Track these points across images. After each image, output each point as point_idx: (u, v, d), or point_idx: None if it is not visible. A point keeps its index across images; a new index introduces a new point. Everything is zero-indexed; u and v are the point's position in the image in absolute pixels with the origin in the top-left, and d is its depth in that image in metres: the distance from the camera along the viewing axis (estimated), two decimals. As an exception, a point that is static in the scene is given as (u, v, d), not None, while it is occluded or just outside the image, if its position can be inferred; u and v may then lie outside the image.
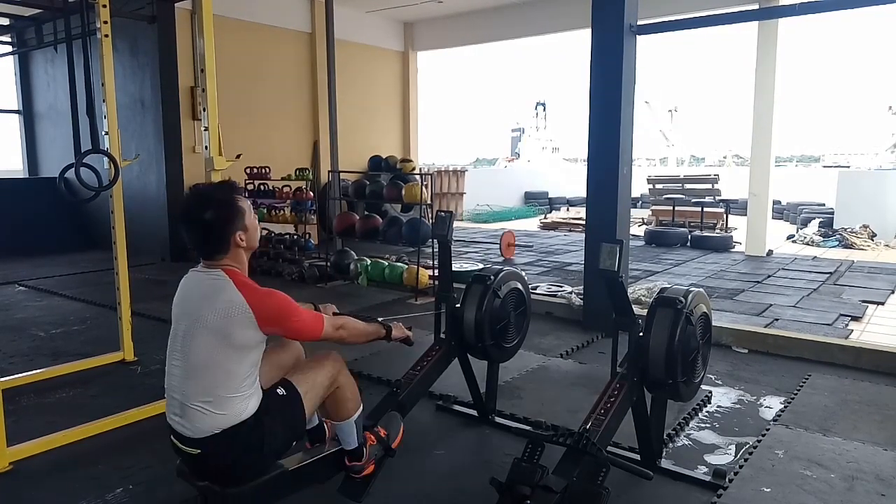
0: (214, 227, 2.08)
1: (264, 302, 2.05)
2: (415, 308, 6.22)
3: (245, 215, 2.14)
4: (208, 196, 2.14)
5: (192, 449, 2.04)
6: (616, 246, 2.60)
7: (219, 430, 2.01)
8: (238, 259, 2.14)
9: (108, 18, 3.99)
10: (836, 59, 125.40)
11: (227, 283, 2.04)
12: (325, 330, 2.21)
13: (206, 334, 2.00)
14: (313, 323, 2.18)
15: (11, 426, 3.16)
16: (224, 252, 2.11)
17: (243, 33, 9.94)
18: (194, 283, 2.12)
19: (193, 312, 2.05)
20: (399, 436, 2.67)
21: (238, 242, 2.12)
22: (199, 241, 2.12)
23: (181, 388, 2.05)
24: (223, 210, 2.09)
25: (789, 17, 7.69)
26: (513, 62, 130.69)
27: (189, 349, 2.04)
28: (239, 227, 2.11)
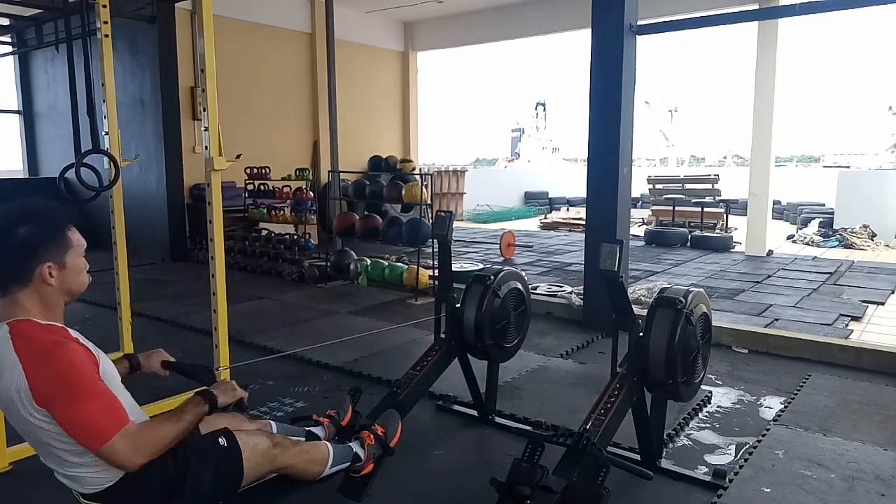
0: (22, 246, 1.63)
1: (40, 364, 1.56)
2: (415, 308, 6.23)
3: (69, 250, 1.71)
4: (31, 210, 1.69)
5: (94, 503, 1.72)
6: (616, 246, 2.60)
7: (115, 479, 1.68)
8: (42, 300, 1.67)
9: (108, 18, 3.99)
10: (836, 59, 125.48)
11: (6, 344, 1.58)
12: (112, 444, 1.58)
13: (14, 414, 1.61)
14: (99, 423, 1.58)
15: (11, 426, 3.16)
16: (22, 283, 1.64)
17: (243, 33, 9.94)
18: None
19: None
20: (397, 434, 2.66)
21: (45, 277, 1.65)
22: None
23: (48, 460, 1.71)
24: (41, 230, 1.66)
25: (789, 17, 7.69)
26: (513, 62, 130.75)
27: (20, 426, 1.65)
28: (53, 259, 1.66)
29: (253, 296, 6.76)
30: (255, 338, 5.13)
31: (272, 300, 6.67)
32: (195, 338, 5.15)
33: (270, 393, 3.99)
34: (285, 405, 3.83)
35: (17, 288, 1.65)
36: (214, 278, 3.71)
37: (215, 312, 3.77)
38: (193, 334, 5.30)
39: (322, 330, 5.42)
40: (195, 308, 6.07)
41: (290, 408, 3.80)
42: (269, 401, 3.87)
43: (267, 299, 6.69)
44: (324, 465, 2.20)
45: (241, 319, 5.49)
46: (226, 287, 3.78)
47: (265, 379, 4.21)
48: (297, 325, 5.64)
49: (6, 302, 1.66)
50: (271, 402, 3.86)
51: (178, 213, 9.18)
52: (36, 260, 1.65)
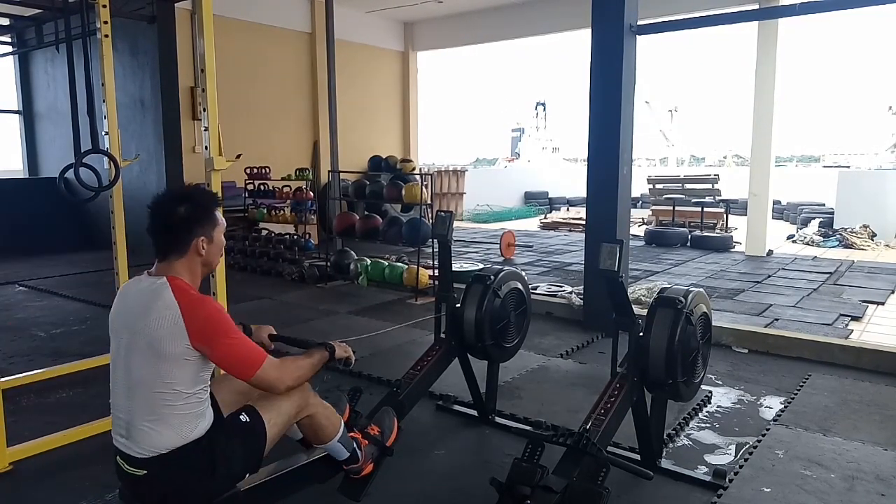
0: (182, 223, 1.96)
1: (197, 312, 1.87)
2: (415, 308, 6.23)
3: (216, 227, 2.04)
4: (189, 193, 2.06)
5: (138, 470, 1.91)
6: (616, 246, 2.60)
7: (166, 450, 1.88)
8: (191, 269, 1.99)
9: (108, 18, 3.99)
10: (836, 59, 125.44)
11: (165, 288, 1.90)
12: (264, 369, 1.94)
13: (145, 348, 1.87)
14: (248, 354, 1.94)
15: (11, 426, 3.16)
16: (180, 253, 1.97)
17: (243, 33, 9.95)
18: (134, 293, 1.97)
19: (131, 325, 1.92)
20: (393, 433, 2.65)
21: (198, 249, 1.98)
22: (160, 234, 1.98)
23: (126, 407, 1.94)
24: (198, 210, 2.00)
25: (789, 17, 7.69)
26: (513, 62, 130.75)
27: (131, 365, 1.92)
28: (205, 234, 1.99)
29: (253, 296, 6.76)
30: (255, 338, 5.12)
31: (272, 300, 6.67)
32: (195, 338, 5.14)
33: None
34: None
35: (176, 257, 1.97)
36: (214, 278, 3.71)
37: (215, 312, 3.76)
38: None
39: (322, 330, 5.41)
40: (195, 308, 6.06)
41: (290, 408, 3.79)
42: (269, 401, 3.87)
43: (267, 299, 6.69)
44: (336, 431, 2.31)
45: (242, 319, 5.48)
46: (226, 287, 3.78)
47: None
48: (297, 325, 5.63)
49: (162, 267, 1.98)
50: (271, 402, 3.85)
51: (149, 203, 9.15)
52: (192, 234, 1.97)
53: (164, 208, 1.98)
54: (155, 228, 1.99)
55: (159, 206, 1.99)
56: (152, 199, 2.01)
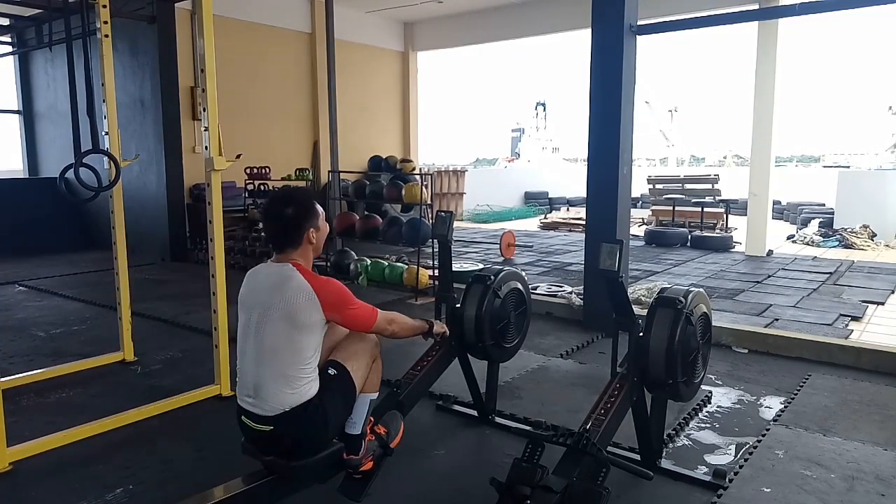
0: (293, 221, 2.32)
1: (327, 289, 2.28)
2: (415, 308, 6.22)
3: (319, 217, 2.40)
4: (291, 195, 2.40)
5: (265, 426, 2.23)
6: (616, 246, 2.60)
7: (289, 407, 2.21)
8: (305, 255, 2.37)
9: (108, 18, 3.99)
10: (836, 59, 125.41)
11: (294, 272, 2.27)
12: (378, 322, 2.44)
13: (278, 320, 2.22)
14: (368, 314, 2.42)
15: (11, 426, 3.16)
16: (296, 246, 2.34)
17: (243, 33, 9.94)
18: (264, 276, 2.35)
19: (266, 301, 2.26)
20: (399, 435, 2.68)
21: (310, 239, 2.36)
22: (277, 233, 2.35)
23: (255, 372, 2.26)
24: (302, 208, 2.35)
25: (789, 17, 7.69)
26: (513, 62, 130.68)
27: (263, 335, 2.25)
28: (313, 225, 2.36)
29: (253, 296, 6.74)
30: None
31: (272, 300, 6.66)
32: (195, 338, 5.15)
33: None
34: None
35: (292, 249, 2.35)
36: (214, 278, 3.72)
37: (215, 312, 3.78)
38: (193, 334, 5.30)
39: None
40: (195, 308, 6.06)
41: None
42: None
43: (267, 299, 6.68)
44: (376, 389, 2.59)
45: (241, 319, 5.49)
46: (226, 287, 3.79)
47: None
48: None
49: (281, 257, 2.36)
50: (271, 402, 3.85)
51: (178, 213, 9.18)
52: (302, 228, 2.34)
53: (274, 212, 2.35)
54: (272, 230, 2.38)
55: (270, 211, 2.37)
56: (264, 205, 2.45)
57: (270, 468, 2.33)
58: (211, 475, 2.80)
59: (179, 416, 3.60)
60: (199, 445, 3.27)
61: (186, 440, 3.33)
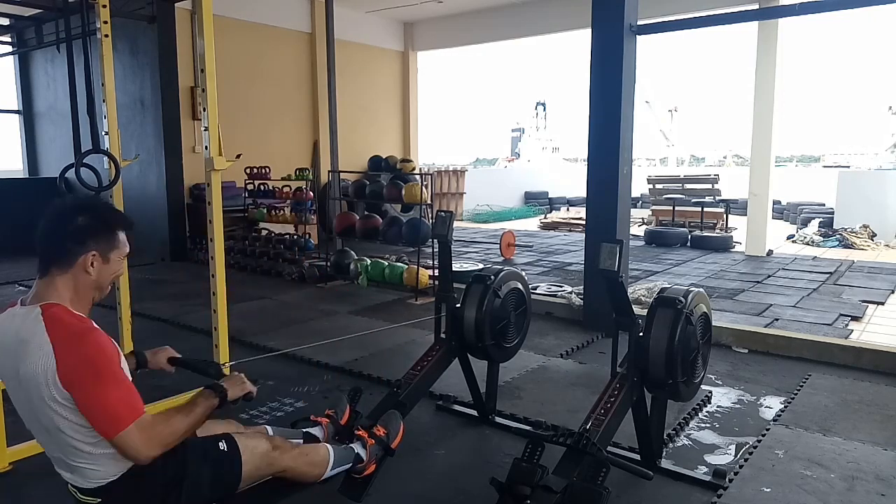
0: (75, 232, 1.73)
1: (71, 346, 1.62)
2: (415, 308, 6.23)
3: (114, 249, 1.80)
4: (94, 205, 1.87)
5: (92, 498, 1.77)
6: (616, 246, 2.60)
7: (115, 476, 1.73)
8: (77, 288, 1.74)
9: (108, 18, 3.99)
10: (836, 59, 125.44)
11: (38, 325, 1.64)
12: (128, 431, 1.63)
13: (36, 399, 1.64)
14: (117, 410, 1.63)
15: (11, 426, 3.15)
16: (64, 267, 1.72)
17: (243, 33, 9.94)
18: (8, 334, 1.69)
19: (13, 373, 1.68)
20: (399, 435, 2.66)
21: (86, 265, 1.73)
22: (47, 239, 1.75)
23: (53, 450, 1.76)
24: (96, 223, 1.77)
25: (789, 17, 7.69)
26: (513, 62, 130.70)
27: (34, 412, 1.69)
28: (98, 249, 1.75)
29: (253, 296, 6.76)
30: (255, 338, 5.13)
31: (272, 300, 6.67)
32: (195, 338, 5.15)
33: (270, 393, 3.99)
34: (285, 405, 3.83)
35: (58, 271, 1.73)
36: (214, 278, 3.71)
37: (215, 312, 3.78)
38: (193, 334, 5.30)
39: (322, 330, 5.41)
40: (195, 308, 6.07)
41: (290, 408, 3.80)
42: (270, 401, 3.87)
43: (267, 299, 6.69)
44: (324, 468, 2.21)
45: (241, 319, 5.49)
46: (226, 287, 3.78)
47: (265, 379, 4.20)
48: (297, 325, 5.64)
49: (43, 283, 1.74)
50: (271, 403, 3.85)
51: (178, 213, 9.18)
52: (83, 247, 1.74)
53: (61, 215, 1.76)
54: (43, 235, 1.75)
55: (56, 212, 1.76)
56: (50, 205, 1.77)
57: None
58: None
59: (179, 416, 3.60)
60: (199, 445, 3.27)
61: (186, 440, 3.33)
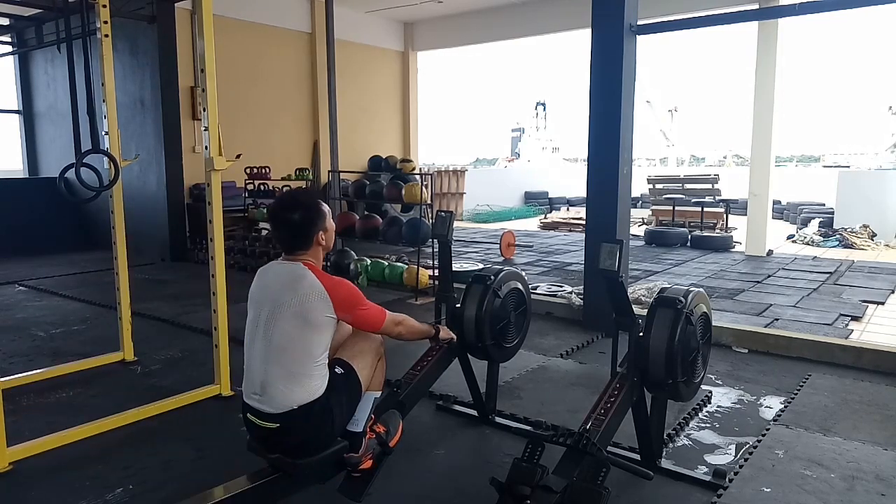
0: (301, 226, 2.34)
1: (339, 289, 2.30)
2: (415, 308, 6.22)
3: (326, 218, 2.41)
4: (297, 199, 2.41)
5: (271, 423, 2.23)
6: (616, 246, 2.61)
7: (296, 405, 2.22)
8: (316, 255, 2.40)
9: (108, 18, 3.99)
10: (836, 59, 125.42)
11: (306, 272, 2.29)
12: (386, 323, 2.47)
13: (290, 317, 2.24)
14: (377, 314, 2.45)
15: (11, 426, 3.16)
16: (306, 248, 2.37)
17: (243, 33, 9.94)
18: (276, 273, 2.36)
19: (277, 298, 2.28)
20: (398, 434, 2.67)
21: (319, 241, 2.38)
22: (286, 238, 2.37)
23: (263, 370, 2.26)
24: (309, 212, 2.36)
25: (789, 17, 7.69)
26: (513, 62, 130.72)
27: (273, 333, 2.26)
28: (321, 228, 2.38)
29: (253, 296, 6.74)
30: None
31: (272, 300, 6.65)
32: (195, 338, 5.15)
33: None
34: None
35: (301, 251, 2.38)
36: (214, 278, 3.72)
37: (215, 312, 3.78)
38: (193, 334, 5.30)
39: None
40: (195, 308, 6.06)
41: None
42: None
43: (267, 299, 6.67)
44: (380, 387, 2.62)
45: (241, 319, 5.47)
46: (226, 287, 3.79)
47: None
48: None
49: (291, 257, 2.37)
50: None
51: (178, 213, 9.18)
52: (311, 232, 2.36)
53: (281, 217, 2.36)
54: (280, 236, 2.40)
55: (278, 217, 2.38)
56: (270, 211, 2.46)
57: (275, 466, 2.34)
58: (210, 475, 2.80)
59: (179, 417, 3.60)
60: (198, 445, 3.27)
61: (186, 440, 3.33)
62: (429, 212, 7.33)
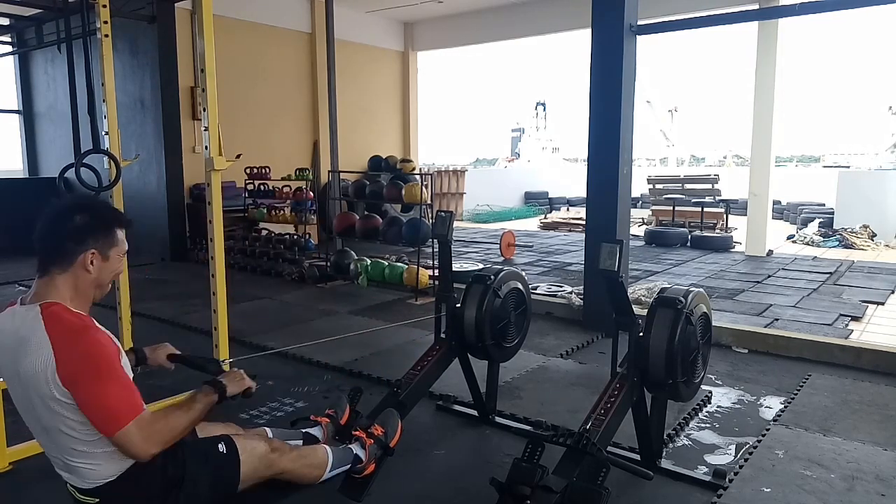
0: (74, 230, 1.74)
1: (69, 342, 1.63)
2: (415, 308, 6.23)
3: (114, 247, 1.81)
4: (92, 204, 1.86)
5: (90, 498, 1.77)
6: (616, 246, 2.60)
7: (113, 476, 1.73)
8: (77, 287, 1.75)
9: (108, 18, 3.99)
10: (836, 59, 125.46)
11: (37, 323, 1.65)
12: (127, 430, 1.64)
13: (35, 396, 1.65)
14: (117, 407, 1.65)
15: (11, 426, 3.15)
16: (64, 266, 1.73)
17: (243, 33, 9.94)
18: (6, 333, 1.72)
19: (13, 371, 1.69)
20: (397, 434, 2.65)
21: (86, 263, 1.74)
22: (45, 238, 1.75)
23: (52, 449, 1.76)
24: (95, 221, 1.78)
25: (789, 17, 7.69)
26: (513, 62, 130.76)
27: (33, 410, 1.70)
28: (97, 247, 1.76)
29: (253, 296, 6.76)
30: (255, 338, 5.13)
31: (272, 300, 6.67)
32: (195, 338, 5.15)
33: (270, 393, 3.99)
34: (285, 405, 3.83)
35: (58, 270, 1.73)
36: (214, 278, 3.71)
37: (215, 312, 3.77)
38: (193, 334, 5.30)
39: (322, 330, 5.41)
40: (195, 308, 6.07)
41: (290, 408, 3.80)
42: (269, 401, 3.87)
43: (267, 299, 6.69)
44: (323, 469, 2.21)
45: (241, 319, 5.49)
46: (226, 287, 3.78)
47: (265, 379, 4.20)
48: (297, 325, 5.64)
49: (43, 283, 1.74)
50: (271, 402, 3.85)
51: (178, 212, 9.18)
52: (82, 246, 1.74)
53: (59, 214, 1.76)
54: (42, 235, 1.75)
55: (55, 212, 1.76)
56: (48, 205, 1.77)
57: None
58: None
59: (179, 416, 3.59)
60: (199, 445, 3.27)
61: (186, 440, 3.33)
62: (429, 212, 7.33)
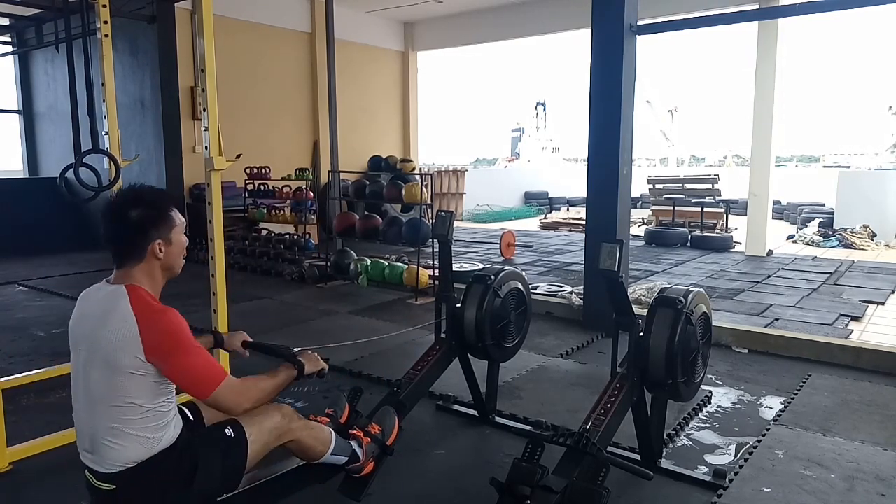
0: (135, 227, 1.85)
1: (155, 324, 1.78)
2: (415, 308, 6.23)
3: (173, 228, 1.93)
4: (140, 194, 1.91)
5: (106, 485, 1.82)
6: (616, 246, 2.60)
7: (133, 463, 1.80)
8: (151, 274, 1.90)
9: (108, 18, 3.99)
10: (836, 59, 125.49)
11: (122, 299, 1.79)
12: (220, 392, 1.83)
13: (101, 363, 1.79)
14: (207, 374, 1.83)
15: (11, 426, 3.16)
16: (137, 259, 1.87)
17: (243, 33, 9.95)
18: (91, 302, 1.89)
19: (90, 336, 1.83)
20: (394, 432, 2.65)
21: (156, 252, 1.87)
22: (114, 241, 1.88)
23: (88, 422, 1.84)
24: (150, 211, 1.88)
25: (789, 17, 7.69)
26: (513, 62, 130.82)
27: (89, 379, 1.83)
28: (161, 236, 1.88)
29: (253, 296, 6.76)
30: (255, 338, 5.11)
31: (272, 300, 6.67)
32: (195, 338, 5.14)
33: (270, 393, 3.98)
34: (285, 405, 3.83)
35: (133, 263, 1.87)
36: (214, 278, 3.72)
37: (215, 312, 3.78)
38: (193, 334, 5.29)
39: (322, 330, 5.41)
40: (195, 308, 6.03)
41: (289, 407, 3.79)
42: (269, 401, 3.86)
43: (267, 299, 6.69)
44: (326, 447, 2.26)
45: (241, 319, 5.48)
46: (226, 287, 3.78)
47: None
48: (297, 325, 5.64)
49: (121, 273, 1.89)
50: (271, 402, 3.85)
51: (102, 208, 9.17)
52: (148, 238, 1.86)
53: (114, 213, 1.87)
54: (109, 235, 1.88)
55: (111, 211, 1.87)
56: (105, 205, 1.90)
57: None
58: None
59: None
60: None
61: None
62: (429, 212, 7.33)
